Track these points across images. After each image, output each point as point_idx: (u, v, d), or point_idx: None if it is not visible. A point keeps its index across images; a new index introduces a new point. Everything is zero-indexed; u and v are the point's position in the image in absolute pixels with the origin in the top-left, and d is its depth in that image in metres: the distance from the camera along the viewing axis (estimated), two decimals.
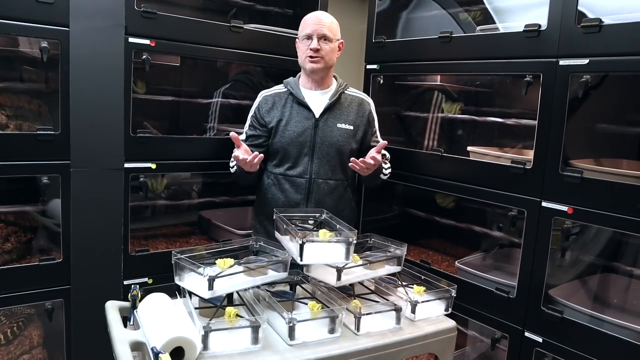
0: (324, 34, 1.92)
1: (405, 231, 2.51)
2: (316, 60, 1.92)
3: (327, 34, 1.93)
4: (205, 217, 2.50)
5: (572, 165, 1.71)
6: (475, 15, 2.31)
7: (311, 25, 1.93)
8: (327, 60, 1.95)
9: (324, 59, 1.94)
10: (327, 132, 1.97)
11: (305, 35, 1.94)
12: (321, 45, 1.92)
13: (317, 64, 1.93)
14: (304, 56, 1.95)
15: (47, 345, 1.97)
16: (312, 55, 1.92)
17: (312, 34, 1.92)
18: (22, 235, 1.94)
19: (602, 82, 1.71)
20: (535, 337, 1.79)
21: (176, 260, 1.42)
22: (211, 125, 2.39)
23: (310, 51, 1.92)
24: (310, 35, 1.93)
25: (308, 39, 1.93)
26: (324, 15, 1.97)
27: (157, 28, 1.92)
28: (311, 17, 1.96)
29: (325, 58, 1.94)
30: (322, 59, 1.93)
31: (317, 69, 1.94)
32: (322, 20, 1.94)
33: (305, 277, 1.64)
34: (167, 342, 1.19)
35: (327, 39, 1.93)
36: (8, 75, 1.92)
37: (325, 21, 1.94)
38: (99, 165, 1.87)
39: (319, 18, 1.95)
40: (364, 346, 1.39)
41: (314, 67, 1.93)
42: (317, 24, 1.93)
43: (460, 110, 2.36)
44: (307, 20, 1.96)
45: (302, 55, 1.97)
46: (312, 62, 1.93)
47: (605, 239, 1.88)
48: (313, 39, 1.92)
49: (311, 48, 1.91)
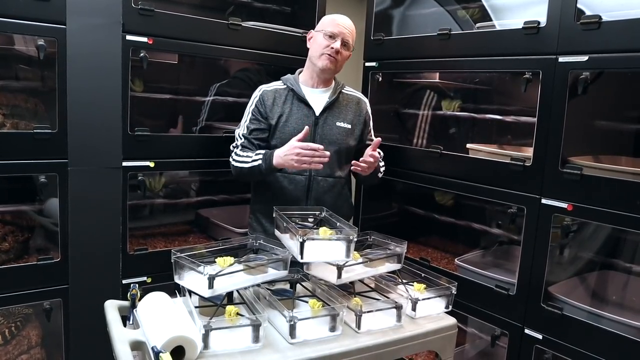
0: (348, 41, 1.94)
1: (405, 229, 2.51)
2: (332, 59, 1.92)
3: (350, 42, 1.95)
4: (204, 215, 2.49)
5: (572, 162, 1.71)
6: (473, 12, 2.31)
7: (339, 26, 1.92)
8: (340, 65, 1.97)
9: (337, 64, 1.95)
10: (327, 130, 1.96)
11: (330, 33, 1.92)
12: (341, 50, 1.93)
13: (333, 63, 1.93)
14: (322, 52, 1.93)
15: (45, 345, 1.96)
16: (332, 54, 1.91)
17: (338, 35, 1.91)
18: (19, 235, 1.93)
19: (601, 79, 1.71)
20: (535, 334, 1.79)
21: (176, 259, 1.41)
22: (201, 119, 2.38)
23: (331, 49, 1.91)
24: (335, 35, 1.91)
25: (332, 38, 1.92)
26: (350, 23, 1.97)
27: (154, 25, 1.91)
28: (340, 18, 1.95)
29: (339, 63, 1.95)
30: (336, 62, 1.94)
31: (330, 68, 1.93)
32: (350, 27, 1.95)
33: (305, 275, 1.64)
34: (168, 341, 1.18)
35: (347, 47, 1.95)
36: (4, 74, 1.91)
37: (351, 29, 1.96)
38: (96, 163, 1.86)
39: (348, 24, 1.95)
40: (364, 344, 1.39)
41: (328, 64, 1.92)
42: (345, 29, 1.93)
43: (458, 107, 2.35)
44: (335, 20, 1.94)
45: (318, 49, 1.94)
46: (328, 59, 1.92)
47: (605, 236, 1.89)
48: (337, 40, 1.91)
49: (334, 47, 1.90)
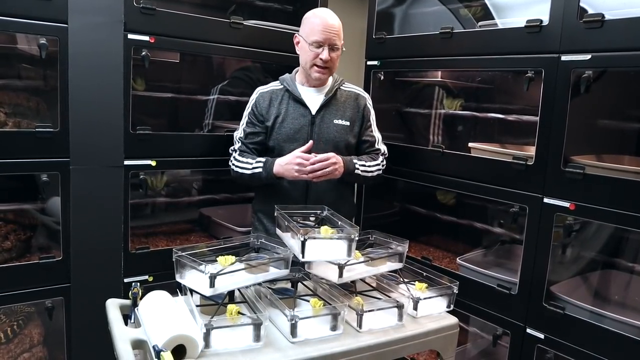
0: (335, 43, 1.87)
1: (407, 228, 2.50)
2: (324, 71, 1.89)
3: (337, 42, 1.88)
4: (206, 214, 2.49)
5: (574, 161, 1.70)
6: (475, 11, 2.30)
7: (323, 32, 1.84)
8: (333, 69, 1.94)
9: (331, 70, 1.92)
10: (324, 129, 1.95)
11: (315, 42, 1.85)
12: (330, 55, 1.87)
13: (325, 75, 1.91)
14: (311, 63, 1.89)
15: (47, 343, 1.96)
16: (321, 66, 1.88)
17: (323, 43, 1.85)
18: (21, 234, 1.93)
19: (604, 77, 1.70)
20: (536, 334, 1.79)
21: (177, 258, 1.42)
22: (207, 122, 2.38)
23: (319, 60, 1.87)
24: (321, 44, 1.85)
25: (318, 47, 1.86)
26: (333, 19, 1.88)
27: (156, 24, 1.91)
28: (322, 21, 1.85)
29: (332, 68, 1.92)
30: (329, 69, 1.91)
31: (324, 79, 1.93)
32: (334, 27, 1.86)
33: (306, 274, 1.64)
34: (169, 340, 1.18)
35: (336, 48, 1.89)
36: (6, 73, 1.91)
37: (336, 27, 1.87)
38: (98, 162, 1.86)
39: (331, 24, 1.85)
40: (366, 343, 1.39)
41: (321, 77, 1.91)
42: (329, 32, 1.84)
43: (460, 106, 2.35)
44: (316, 25, 1.85)
45: (307, 60, 1.89)
46: (319, 71, 1.89)
47: (607, 235, 1.88)
48: (324, 49, 1.85)
49: (322, 59, 1.86)
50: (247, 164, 1.92)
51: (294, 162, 1.80)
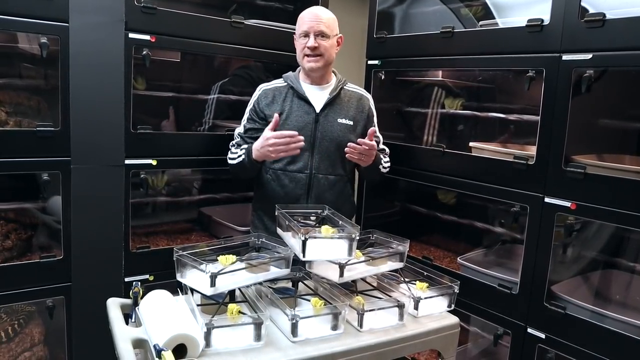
0: (321, 30, 1.88)
1: (407, 227, 2.50)
2: (314, 59, 1.90)
3: (325, 30, 1.89)
4: (206, 213, 2.49)
5: (575, 160, 1.70)
6: (476, 10, 2.30)
7: (308, 22, 1.89)
8: (326, 57, 1.92)
9: (323, 57, 1.91)
10: (328, 127, 1.95)
11: (302, 32, 1.90)
12: (319, 42, 1.88)
13: (316, 62, 1.90)
14: (302, 54, 1.92)
15: (48, 342, 1.96)
16: (310, 54, 1.89)
17: (308, 32, 1.88)
18: (22, 233, 1.93)
19: (605, 77, 1.70)
20: (537, 333, 1.79)
21: (178, 257, 1.41)
22: (206, 119, 2.38)
23: (307, 49, 1.89)
24: (307, 33, 1.88)
25: (305, 37, 1.89)
26: (321, 11, 1.93)
27: (157, 23, 1.91)
28: (308, 13, 1.92)
29: (324, 55, 1.91)
30: (321, 57, 1.90)
31: (316, 67, 1.92)
32: (319, 16, 1.90)
33: (307, 273, 1.64)
34: (170, 339, 1.18)
35: (324, 36, 1.89)
36: (7, 72, 1.91)
37: (322, 17, 1.90)
38: (99, 161, 1.86)
39: (316, 14, 1.90)
40: (366, 343, 1.39)
41: (313, 66, 1.91)
42: (313, 21, 1.88)
43: (461, 105, 2.35)
44: (303, 17, 1.92)
45: (299, 53, 1.94)
46: (310, 61, 1.90)
47: (608, 235, 1.88)
48: (310, 36, 1.88)
49: (308, 46, 1.88)
50: (235, 154, 1.95)
51: (267, 145, 1.80)
